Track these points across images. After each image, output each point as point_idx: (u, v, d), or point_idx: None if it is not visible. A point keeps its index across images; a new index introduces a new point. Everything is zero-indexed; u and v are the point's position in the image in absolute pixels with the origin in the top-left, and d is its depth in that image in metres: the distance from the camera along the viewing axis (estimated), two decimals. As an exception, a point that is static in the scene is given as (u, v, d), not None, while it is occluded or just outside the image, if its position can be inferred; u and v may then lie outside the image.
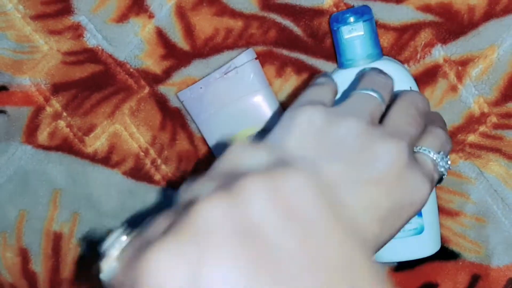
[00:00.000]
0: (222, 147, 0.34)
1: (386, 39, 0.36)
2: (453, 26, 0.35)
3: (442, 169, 0.30)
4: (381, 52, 0.34)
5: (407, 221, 0.28)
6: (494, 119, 0.36)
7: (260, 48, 0.37)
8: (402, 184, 0.27)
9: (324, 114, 0.27)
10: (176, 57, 0.38)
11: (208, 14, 0.37)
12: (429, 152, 0.29)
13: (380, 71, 0.31)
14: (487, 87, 0.36)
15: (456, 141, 0.37)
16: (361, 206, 0.26)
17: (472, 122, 0.37)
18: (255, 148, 0.24)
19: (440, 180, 0.30)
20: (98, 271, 0.21)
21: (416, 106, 0.30)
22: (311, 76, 0.37)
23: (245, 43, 0.37)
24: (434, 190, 0.36)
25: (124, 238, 0.22)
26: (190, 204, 0.20)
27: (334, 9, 0.35)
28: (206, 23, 0.38)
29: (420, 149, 0.29)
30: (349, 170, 0.26)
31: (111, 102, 0.40)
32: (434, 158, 0.29)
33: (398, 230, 0.28)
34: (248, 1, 0.37)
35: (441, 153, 0.30)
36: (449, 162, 0.30)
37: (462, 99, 0.36)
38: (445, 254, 0.38)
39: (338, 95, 0.31)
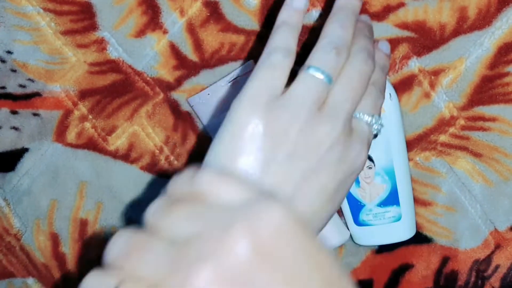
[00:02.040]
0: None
1: (369, 52, 0.39)
2: (426, 41, 0.37)
3: (376, 129, 0.30)
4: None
5: (351, 185, 0.29)
6: (462, 121, 0.38)
7: (259, 60, 0.40)
8: (344, 160, 0.27)
9: (263, 115, 0.26)
10: (186, 68, 0.40)
11: (214, 30, 0.39)
12: (364, 116, 0.29)
13: (345, 11, 0.29)
14: (456, 94, 0.38)
15: (428, 140, 0.38)
16: (310, 200, 0.26)
17: (443, 124, 0.38)
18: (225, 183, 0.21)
19: (375, 136, 0.30)
20: None
21: (362, 74, 0.29)
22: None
23: (247, 55, 0.39)
24: (410, 183, 0.38)
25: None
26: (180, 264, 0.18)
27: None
28: (213, 38, 0.39)
29: (356, 115, 0.29)
30: (293, 167, 0.26)
31: (130, 107, 0.41)
32: (369, 121, 0.29)
33: (345, 195, 0.29)
34: (249, 19, 0.38)
35: (375, 115, 0.30)
36: (380, 121, 0.30)
37: (435, 104, 0.38)
38: (420, 238, 0.40)
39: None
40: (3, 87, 0.42)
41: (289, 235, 0.19)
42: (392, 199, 0.38)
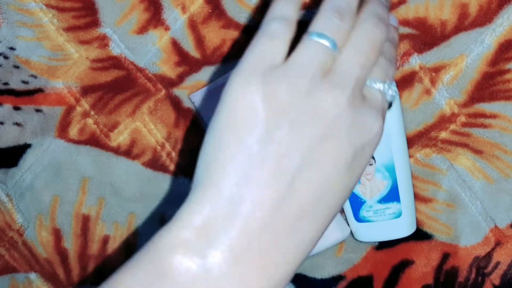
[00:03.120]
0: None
1: (370, 49, 0.39)
2: (427, 38, 0.37)
3: (390, 97, 0.28)
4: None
5: (370, 157, 0.26)
6: (463, 118, 0.38)
7: (261, 56, 0.41)
8: (357, 126, 0.25)
9: (261, 88, 0.24)
10: (188, 64, 0.40)
11: (216, 27, 0.39)
12: (376, 83, 0.27)
13: None
14: (457, 91, 0.38)
15: (429, 137, 0.39)
16: (324, 168, 0.24)
17: (444, 121, 0.38)
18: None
19: (390, 105, 0.28)
20: None
21: (372, 39, 0.26)
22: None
23: None
24: (411, 179, 0.38)
25: None
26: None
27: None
28: (214, 35, 0.39)
29: (367, 83, 0.27)
30: (299, 135, 0.24)
31: (132, 103, 0.41)
32: (381, 89, 0.27)
33: (364, 168, 0.26)
34: (250, 16, 0.39)
35: (387, 81, 0.27)
36: (394, 88, 0.28)
37: (435, 101, 0.38)
38: (420, 235, 0.40)
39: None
40: (6, 83, 0.42)
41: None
42: (392, 195, 0.38)
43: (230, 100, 0.25)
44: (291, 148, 0.24)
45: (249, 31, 0.39)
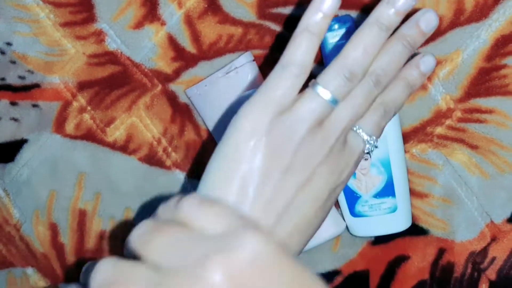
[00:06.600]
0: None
1: (366, 44, 0.39)
2: None
3: (369, 149, 0.31)
4: (361, 56, 0.37)
5: (338, 195, 0.30)
6: (458, 114, 0.38)
7: (257, 52, 0.39)
8: (334, 170, 0.29)
9: (266, 132, 0.27)
10: (184, 59, 0.40)
11: (212, 22, 0.39)
12: (362, 133, 0.30)
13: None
14: (453, 86, 0.38)
15: (425, 132, 0.39)
16: (304, 209, 0.28)
17: (440, 116, 0.38)
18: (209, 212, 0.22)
19: (367, 153, 0.32)
20: None
21: (368, 91, 0.29)
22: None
23: (244, 47, 0.39)
24: (406, 174, 0.38)
25: None
26: None
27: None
28: (210, 30, 0.39)
29: (355, 129, 0.30)
30: (288, 181, 0.28)
31: (128, 98, 0.41)
32: (365, 139, 0.30)
33: (334, 203, 0.31)
34: (247, 10, 0.39)
35: (373, 136, 0.31)
36: (376, 144, 0.31)
37: (431, 96, 0.38)
38: (416, 230, 0.40)
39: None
40: (3, 79, 0.42)
41: (266, 266, 0.20)
42: (388, 190, 0.38)
43: (239, 127, 0.28)
44: (278, 193, 0.28)
45: (245, 27, 0.39)
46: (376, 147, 0.31)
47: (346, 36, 0.36)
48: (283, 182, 0.28)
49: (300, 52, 0.28)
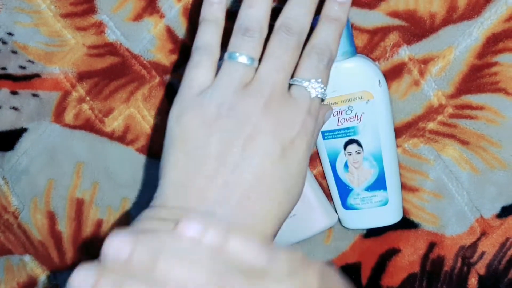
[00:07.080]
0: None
1: (360, 40, 0.38)
2: (417, 29, 0.37)
3: (318, 93, 0.30)
4: (356, 51, 0.37)
5: (308, 147, 0.29)
6: (450, 110, 0.39)
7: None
8: (281, 123, 0.28)
9: (192, 110, 0.29)
10: (182, 52, 0.40)
11: None
12: (301, 81, 0.30)
13: None
14: (445, 82, 0.38)
15: (417, 128, 0.39)
16: (254, 166, 0.28)
17: (432, 112, 0.39)
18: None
19: (322, 100, 0.31)
20: None
21: (286, 44, 0.29)
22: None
23: None
24: (398, 168, 0.39)
25: None
26: None
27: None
28: None
29: (293, 81, 0.30)
30: (229, 141, 0.28)
31: (127, 89, 0.42)
32: (305, 86, 0.30)
33: (305, 156, 0.29)
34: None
35: (311, 80, 0.30)
36: (321, 85, 0.30)
37: (424, 92, 0.38)
38: (407, 224, 0.40)
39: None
40: (4, 68, 0.43)
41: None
42: (379, 183, 0.38)
43: (170, 126, 0.30)
44: (226, 148, 0.28)
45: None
46: (323, 88, 0.31)
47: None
48: (225, 140, 0.28)
49: (202, 37, 0.31)
